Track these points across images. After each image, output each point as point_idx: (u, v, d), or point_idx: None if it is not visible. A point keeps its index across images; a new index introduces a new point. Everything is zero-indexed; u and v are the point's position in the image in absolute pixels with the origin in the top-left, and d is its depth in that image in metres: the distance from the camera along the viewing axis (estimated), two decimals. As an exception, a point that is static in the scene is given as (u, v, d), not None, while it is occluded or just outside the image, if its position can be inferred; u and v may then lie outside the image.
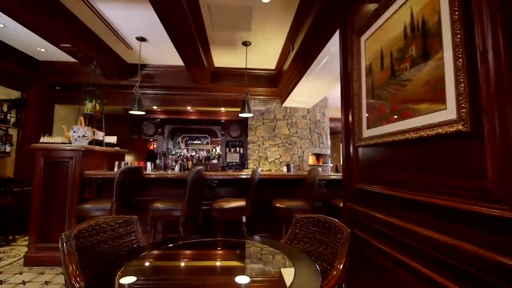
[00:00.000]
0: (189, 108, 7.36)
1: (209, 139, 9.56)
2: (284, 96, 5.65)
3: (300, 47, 3.79)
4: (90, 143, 3.57)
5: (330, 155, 7.20)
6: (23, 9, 3.06)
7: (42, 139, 3.43)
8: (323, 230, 1.56)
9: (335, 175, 3.69)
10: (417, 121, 1.20)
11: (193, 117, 8.32)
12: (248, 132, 6.27)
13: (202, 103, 6.22)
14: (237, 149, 8.85)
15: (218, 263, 1.44)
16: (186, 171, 4.14)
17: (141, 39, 4.30)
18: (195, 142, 9.52)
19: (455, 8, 1.00)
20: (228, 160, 8.68)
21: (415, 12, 1.24)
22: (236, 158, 8.73)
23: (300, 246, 1.62)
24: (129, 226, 1.56)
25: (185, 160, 8.57)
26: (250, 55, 4.77)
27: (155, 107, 6.86)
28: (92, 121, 4.03)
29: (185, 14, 3.03)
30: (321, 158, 6.70)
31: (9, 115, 5.06)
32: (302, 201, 3.08)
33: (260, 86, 5.86)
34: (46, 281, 2.68)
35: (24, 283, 2.64)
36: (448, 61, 1.04)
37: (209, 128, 9.13)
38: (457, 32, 0.99)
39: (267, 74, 5.78)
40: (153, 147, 8.57)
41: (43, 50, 4.81)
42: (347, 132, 1.99)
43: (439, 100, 1.08)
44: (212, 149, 9.26)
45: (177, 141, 9.46)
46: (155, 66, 5.54)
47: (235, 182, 3.77)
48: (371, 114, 1.65)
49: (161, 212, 2.83)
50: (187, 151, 9.21)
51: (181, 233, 2.84)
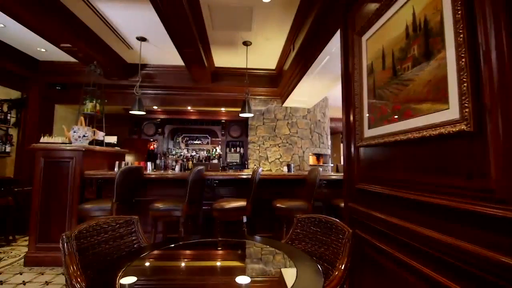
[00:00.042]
0: (189, 108, 7.35)
1: (209, 139, 9.55)
2: (284, 96, 5.65)
3: (300, 47, 3.79)
4: (91, 143, 3.57)
5: (330, 155, 7.19)
6: (23, 8, 3.06)
7: (42, 139, 3.43)
8: (325, 230, 1.55)
9: (335, 175, 3.69)
10: (419, 121, 1.20)
11: (193, 117, 8.32)
12: (248, 132, 6.27)
13: (203, 103, 6.21)
14: (238, 149, 8.84)
15: (218, 263, 1.44)
16: (187, 171, 4.13)
17: (141, 39, 4.30)
18: (195, 142, 9.51)
19: (458, 7, 0.99)
20: (228, 160, 8.67)
21: (417, 11, 1.24)
22: (236, 158, 8.72)
23: (301, 246, 1.62)
24: (129, 226, 1.56)
25: (185, 160, 8.57)
26: (251, 55, 4.76)
27: (155, 107, 6.86)
28: (92, 121, 4.03)
29: (185, 14, 3.03)
30: (321, 158, 6.70)
31: (9, 115, 5.06)
32: (302, 201, 3.08)
33: (261, 86, 5.85)
34: (46, 281, 2.68)
35: (24, 283, 2.64)
36: (450, 60, 1.03)
37: (209, 128, 9.12)
38: (460, 31, 0.98)
39: (268, 74, 5.78)
40: (153, 147, 8.56)
41: (43, 50, 4.81)
42: (348, 132, 1.99)
43: (442, 100, 1.08)
44: (213, 149, 9.25)
45: (178, 141, 9.45)
46: (155, 66, 5.53)
47: (235, 182, 3.76)
48: (373, 114, 1.65)
49: (161, 212, 2.83)
50: (188, 151, 9.19)
51: (181, 233, 2.83)
